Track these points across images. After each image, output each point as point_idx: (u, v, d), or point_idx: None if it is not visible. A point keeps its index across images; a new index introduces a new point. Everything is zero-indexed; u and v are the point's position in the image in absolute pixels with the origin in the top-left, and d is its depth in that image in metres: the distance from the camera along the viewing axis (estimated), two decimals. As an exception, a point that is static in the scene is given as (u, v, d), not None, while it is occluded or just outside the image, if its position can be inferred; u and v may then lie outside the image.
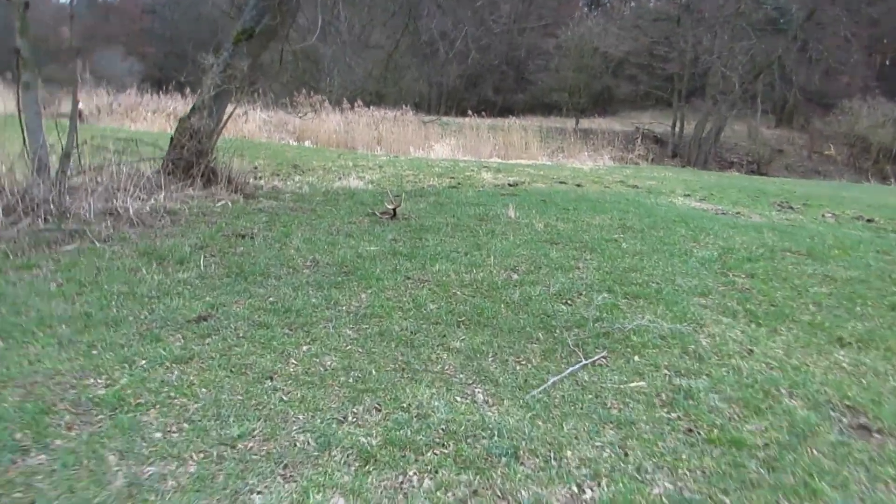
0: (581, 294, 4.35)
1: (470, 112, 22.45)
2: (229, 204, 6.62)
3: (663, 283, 4.66)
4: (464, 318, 3.84)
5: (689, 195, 10.46)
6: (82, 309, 3.66)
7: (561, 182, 10.98)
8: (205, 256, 4.71)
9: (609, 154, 21.13)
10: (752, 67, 21.42)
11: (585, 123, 26.68)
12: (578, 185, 10.62)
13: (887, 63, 29.50)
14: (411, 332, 3.62)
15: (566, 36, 27.65)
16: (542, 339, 3.66)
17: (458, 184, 10.53)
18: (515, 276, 4.64)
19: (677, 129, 24.36)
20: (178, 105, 19.59)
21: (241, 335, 3.45)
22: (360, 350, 3.39)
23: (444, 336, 3.60)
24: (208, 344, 3.33)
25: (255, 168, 10.75)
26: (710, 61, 21.45)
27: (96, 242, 4.96)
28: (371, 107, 21.30)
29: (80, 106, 21.19)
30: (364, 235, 5.65)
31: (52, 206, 5.22)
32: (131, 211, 5.56)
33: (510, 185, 10.57)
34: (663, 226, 6.66)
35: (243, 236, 5.26)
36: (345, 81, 22.39)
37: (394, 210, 6.20)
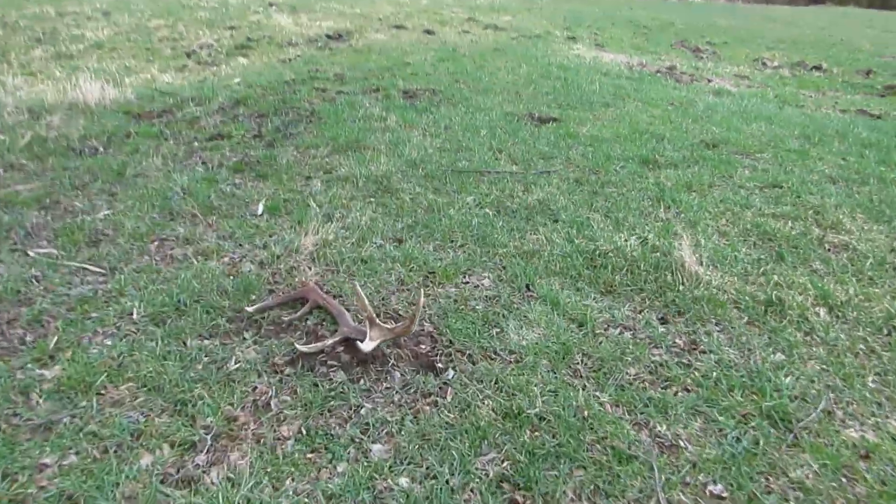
0: None
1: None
2: None
3: None
4: None
5: (573, 37, 7.75)
6: None
7: (398, 27, 7.58)
8: None
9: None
10: None
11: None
12: (429, 33, 7.33)
13: None
14: None
15: None
16: None
17: (249, 39, 6.69)
18: None
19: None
20: None
21: None
22: None
23: None
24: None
25: None
26: None
27: None
28: None
29: None
30: None
31: None
32: None
33: (329, 36, 6.98)
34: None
35: None
36: None
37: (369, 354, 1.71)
